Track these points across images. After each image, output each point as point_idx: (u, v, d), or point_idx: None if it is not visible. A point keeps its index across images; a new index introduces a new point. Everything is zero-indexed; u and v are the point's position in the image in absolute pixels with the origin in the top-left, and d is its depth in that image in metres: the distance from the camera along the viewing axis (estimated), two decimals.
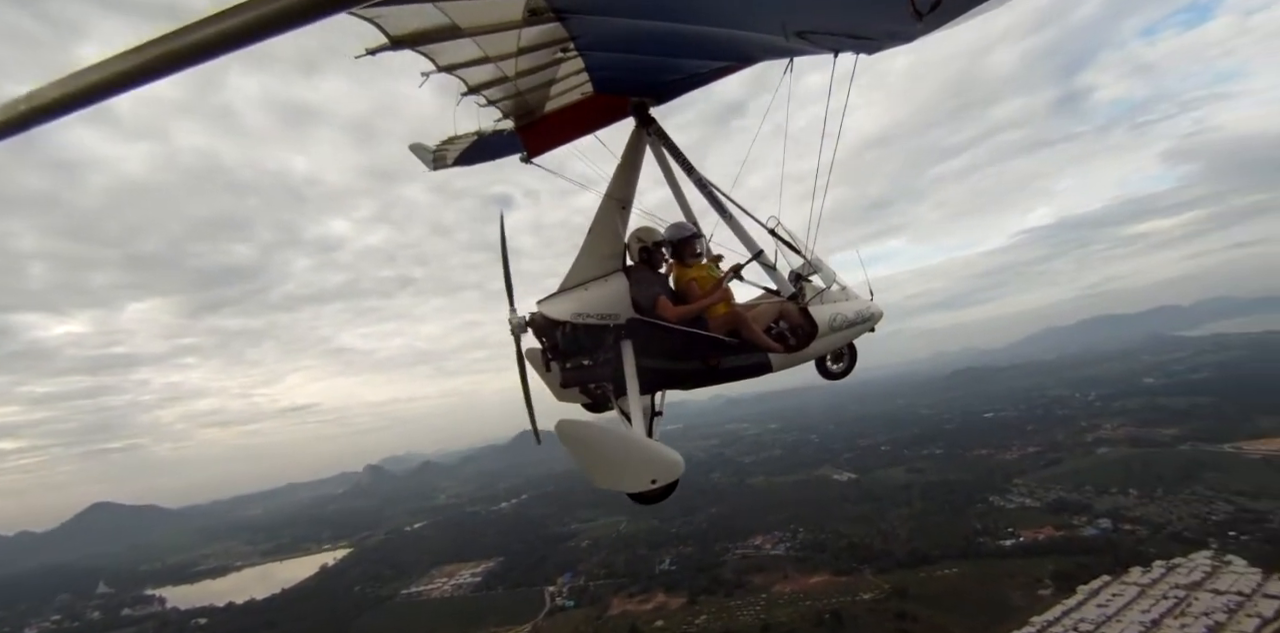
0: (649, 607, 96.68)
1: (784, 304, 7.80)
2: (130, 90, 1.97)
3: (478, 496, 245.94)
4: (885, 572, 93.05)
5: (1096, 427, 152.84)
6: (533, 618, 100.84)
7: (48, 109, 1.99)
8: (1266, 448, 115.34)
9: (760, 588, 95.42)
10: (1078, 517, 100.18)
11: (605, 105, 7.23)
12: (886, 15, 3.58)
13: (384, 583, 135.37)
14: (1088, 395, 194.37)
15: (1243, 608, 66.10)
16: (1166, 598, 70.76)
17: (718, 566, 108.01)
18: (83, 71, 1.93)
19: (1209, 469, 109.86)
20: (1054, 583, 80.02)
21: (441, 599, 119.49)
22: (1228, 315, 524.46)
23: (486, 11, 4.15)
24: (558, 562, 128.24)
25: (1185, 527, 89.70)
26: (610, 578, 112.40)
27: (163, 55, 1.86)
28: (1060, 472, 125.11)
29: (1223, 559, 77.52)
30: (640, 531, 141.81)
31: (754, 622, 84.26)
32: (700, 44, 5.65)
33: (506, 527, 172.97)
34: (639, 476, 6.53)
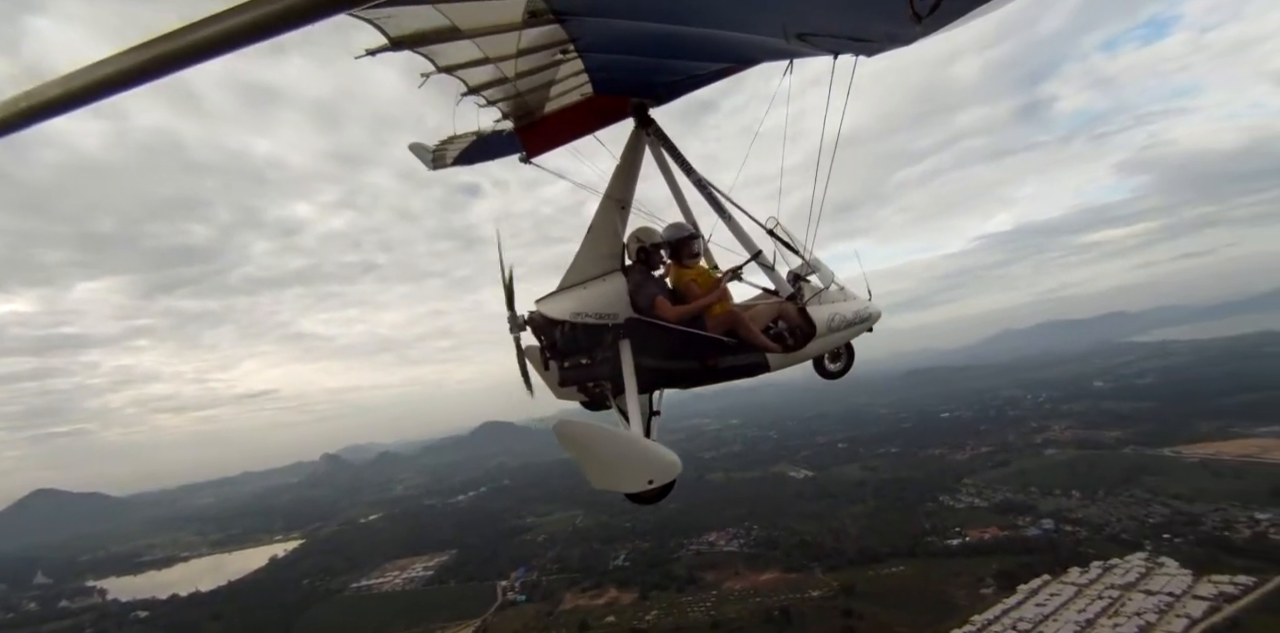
0: (601, 602, 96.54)
1: (782, 304, 7.85)
2: (131, 89, 1.99)
3: (435, 487, 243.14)
4: (835, 570, 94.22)
5: (1046, 428, 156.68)
6: (483, 613, 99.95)
7: (48, 107, 2.03)
8: (1204, 452, 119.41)
9: (712, 585, 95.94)
10: (1022, 517, 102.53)
11: (605, 106, 7.28)
12: (886, 18, 3.65)
13: (334, 576, 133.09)
14: (1039, 397, 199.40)
15: (1173, 609, 68.18)
16: (1102, 598, 72.71)
17: (671, 561, 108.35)
18: (84, 70, 1.96)
19: (1149, 472, 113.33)
20: (996, 582, 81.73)
21: (392, 593, 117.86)
22: (1175, 323, 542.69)
23: (486, 13, 4.16)
24: (512, 556, 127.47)
25: (1123, 528, 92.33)
26: (564, 573, 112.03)
27: (164, 54, 1.89)
28: (1009, 472, 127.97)
29: (1156, 561, 79.89)
30: (596, 525, 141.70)
31: (704, 619, 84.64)
32: (700, 46, 5.68)
33: (462, 520, 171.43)
34: (636, 476, 6.52)
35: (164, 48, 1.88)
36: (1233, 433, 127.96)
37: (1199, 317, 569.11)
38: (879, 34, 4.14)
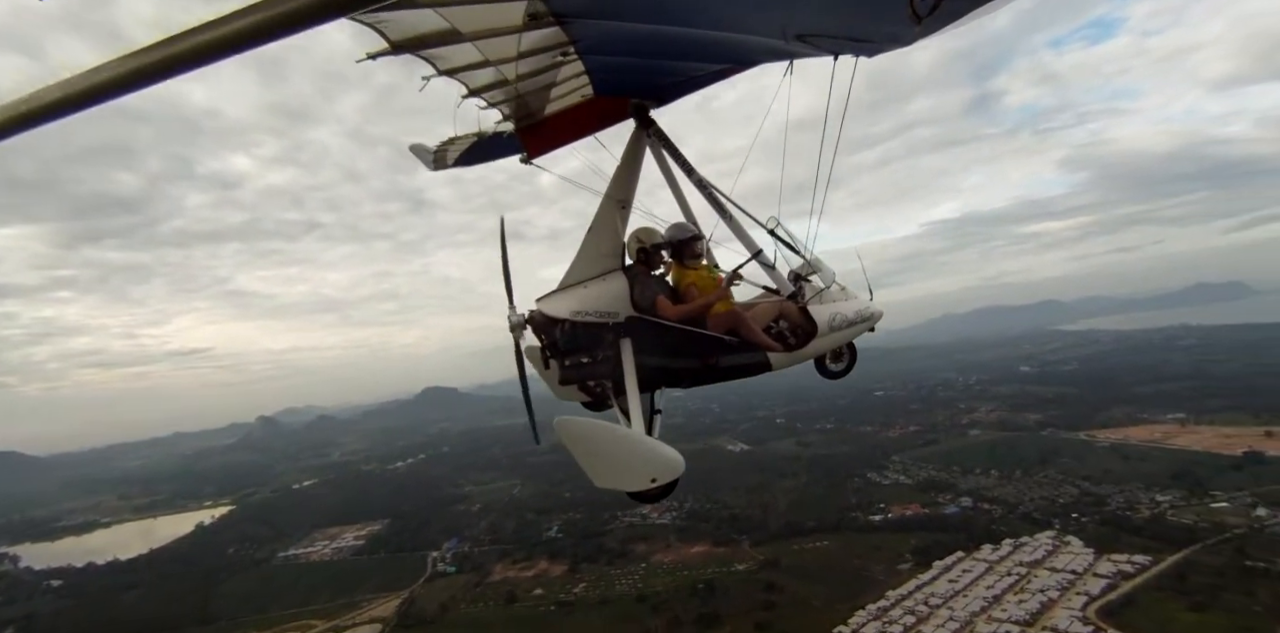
0: (530, 574, 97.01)
1: (784, 304, 7.87)
2: (134, 92, 2.01)
3: (374, 453, 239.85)
4: (762, 543, 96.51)
5: (973, 410, 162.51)
6: (411, 584, 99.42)
7: (49, 110, 2.06)
8: (1114, 437, 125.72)
9: (641, 557, 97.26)
10: (943, 495, 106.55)
11: (605, 107, 7.25)
12: (886, 18, 3.65)
13: (261, 544, 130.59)
14: (970, 380, 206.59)
15: (1074, 586, 71.98)
16: (1010, 575, 76.27)
17: (603, 534, 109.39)
18: (86, 74, 1.98)
19: (1063, 455, 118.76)
20: (913, 558, 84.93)
21: (320, 563, 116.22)
22: (1102, 313, 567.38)
23: (487, 16, 4.10)
24: (445, 526, 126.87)
25: (1035, 508, 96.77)
26: (496, 544, 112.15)
27: (167, 58, 1.91)
28: (935, 451, 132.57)
29: (1063, 540, 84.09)
30: (534, 495, 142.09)
31: (630, 591, 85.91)
32: (700, 47, 5.65)
33: (399, 488, 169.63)
34: (639, 474, 6.56)
35: (165, 52, 1.90)
36: (1141, 419, 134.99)
37: (1124, 309, 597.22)
38: (879, 35, 4.17)
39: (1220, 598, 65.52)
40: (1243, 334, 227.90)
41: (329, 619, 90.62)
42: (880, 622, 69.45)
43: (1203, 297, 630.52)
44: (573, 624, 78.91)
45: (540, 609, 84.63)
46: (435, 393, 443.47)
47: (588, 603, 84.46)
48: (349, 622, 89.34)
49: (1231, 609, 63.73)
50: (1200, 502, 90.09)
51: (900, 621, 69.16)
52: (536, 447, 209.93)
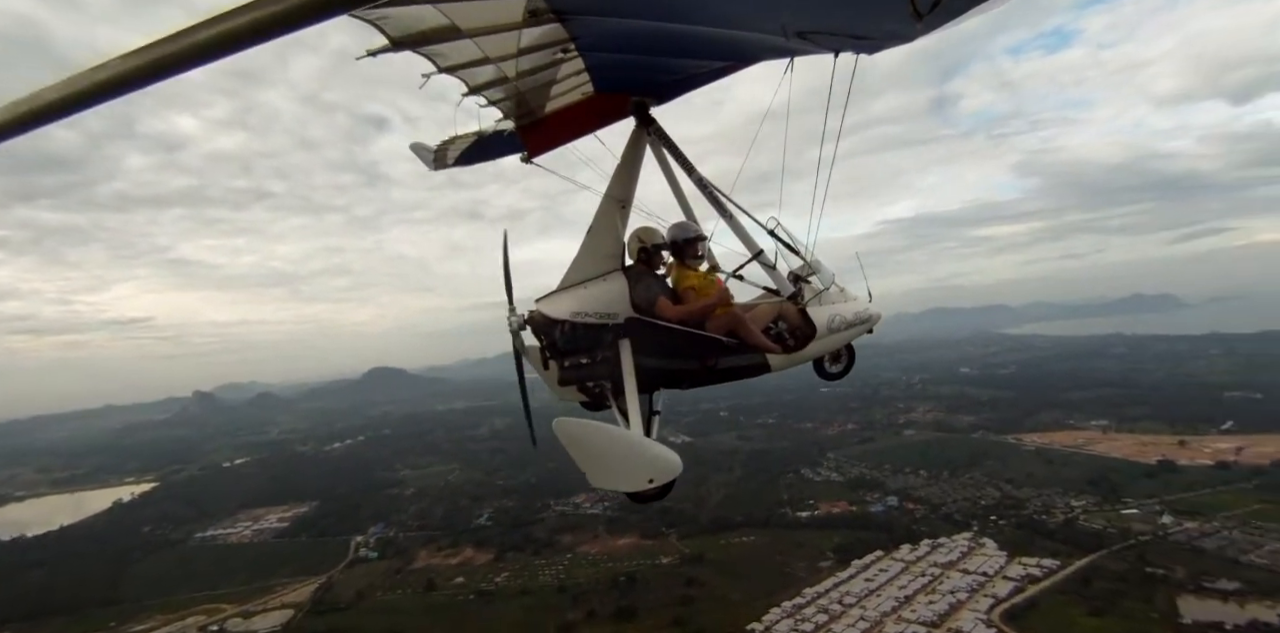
0: (454, 562, 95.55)
1: (783, 305, 7.87)
2: (133, 91, 2.04)
3: (313, 433, 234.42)
4: (689, 537, 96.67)
5: (911, 409, 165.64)
6: (330, 569, 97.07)
7: (50, 110, 2.08)
8: (1040, 441, 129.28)
9: (568, 548, 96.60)
10: (871, 493, 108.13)
11: (606, 105, 7.20)
12: (887, 15, 3.65)
13: (180, 524, 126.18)
14: (913, 379, 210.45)
15: (983, 588, 73.58)
16: (924, 575, 77.66)
17: (533, 523, 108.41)
18: (86, 73, 2.01)
19: (990, 457, 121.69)
20: (835, 556, 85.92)
21: (238, 545, 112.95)
22: (1048, 318, 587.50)
23: (487, 13, 4.13)
24: (374, 510, 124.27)
25: (957, 509, 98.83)
26: (423, 530, 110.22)
27: (166, 56, 1.93)
28: (869, 449, 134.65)
29: (979, 541, 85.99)
30: (468, 481, 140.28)
31: (552, 582, 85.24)
32: (701, 44, 5.62)
33: (332, 469, 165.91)
34: (636, 475, 6.59)
35: (164, 50, 1.92)
36: (1068, 424, 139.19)
37: (1067, 315, 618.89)
38: (880, 32, 4.13)
39: (1119, 604, 67.66)
40: (1170, 345, 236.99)
41: (239, 604, 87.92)
42: (794, 619, 70.00)
43: (1138, 307, 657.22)
44: (489, 614, 77.80)
45: (459, 598, 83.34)
46: (382, 373, 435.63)
47: (508, 593, 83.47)
48: (260, 607, 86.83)
49: (1128, 615, 65.84)
50: (1112, 508, 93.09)
51: (813, 619, 69.76)
52: (476, 433, 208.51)
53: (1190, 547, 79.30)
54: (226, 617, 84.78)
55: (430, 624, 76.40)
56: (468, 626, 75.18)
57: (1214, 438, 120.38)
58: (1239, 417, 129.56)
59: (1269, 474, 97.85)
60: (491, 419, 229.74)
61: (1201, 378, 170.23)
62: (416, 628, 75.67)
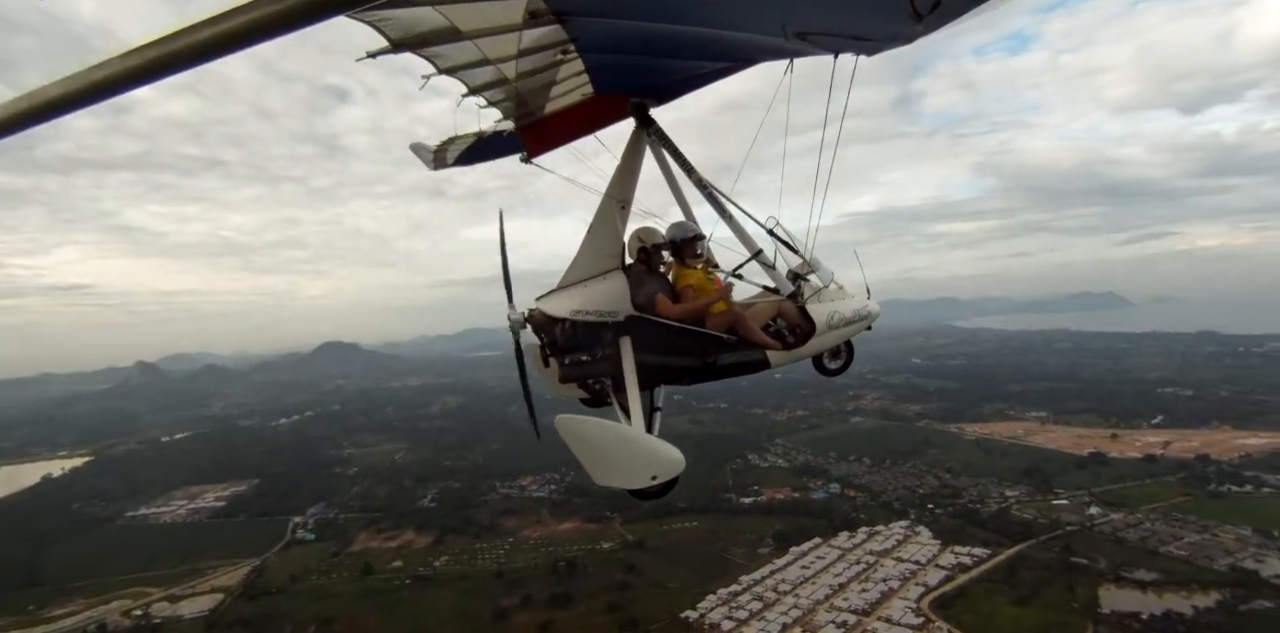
0: (394, 545, 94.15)
1: (782, 302, 7.93)
2: (132, 90, 2.08)
3: (260, 408, 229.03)
4: (633, 522, 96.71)
5: (861, 397, 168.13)
6: (265, 551, 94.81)
7: (50, 107, 2.11)
8: (982, 431, 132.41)
9: (511, 531, 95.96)
10: (814, 480, 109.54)
11: (606, 106, 7.16)
12: (886, 17, 3.68)
13: (110, 502, 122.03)
14: (865, 368, 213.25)
15: (915, 577, 75.06)
16: (859, 563, 78.93)
17: (478, 505, 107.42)
18: (85, 71, 2.06)
19: (932, 446, 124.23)
20: (774, 543, 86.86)
21: (171, 525, 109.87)
22: (995, 313, 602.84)
23: (487, 14, 4.14)
24: (316, 489, 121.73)
25: (896, 497, 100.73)
26: (365, 511, 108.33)
27: (165, 55, 1.97)
28: (817, 436, 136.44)
29: (914, 530, 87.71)
30: (415, 462, 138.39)
31: (491, 566, 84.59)
32: (700, 45, 5.63)
33: (277, 446, 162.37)
34: (639, 472, 6.61)
35: (164, 49, 1.96)
36: (1009, 416, 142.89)
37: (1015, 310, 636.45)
38: (880, 33, 4.16)
39: (1042, 594, 69.64)
40: (1112, 342, 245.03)
41: (167, 587, 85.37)
42: (728, 607, 70.58)
43: (1084, 304, 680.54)
44: (424, 600, 76.86)
45: (395, 583, 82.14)
46: (335, 348, 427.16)
47: (445, 578, 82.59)
48: (188, 590, 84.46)
49: (1050, 605, 67.78)
50: (1044, 498, 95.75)
51: (747, 606, 70.43)
52: (428, 411, 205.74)
53: (1114, 538, 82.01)
54: (153, 601, 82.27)
55: (363, 610, 75.10)
56: (401, 612, 74.10)
57: (1145, 432, 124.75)
58: (1169, 412, 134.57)
59: (1192, 468, 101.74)
60: (445, 397, 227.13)
61: (1138, 374, 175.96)
62: (348, 614, 74.31)
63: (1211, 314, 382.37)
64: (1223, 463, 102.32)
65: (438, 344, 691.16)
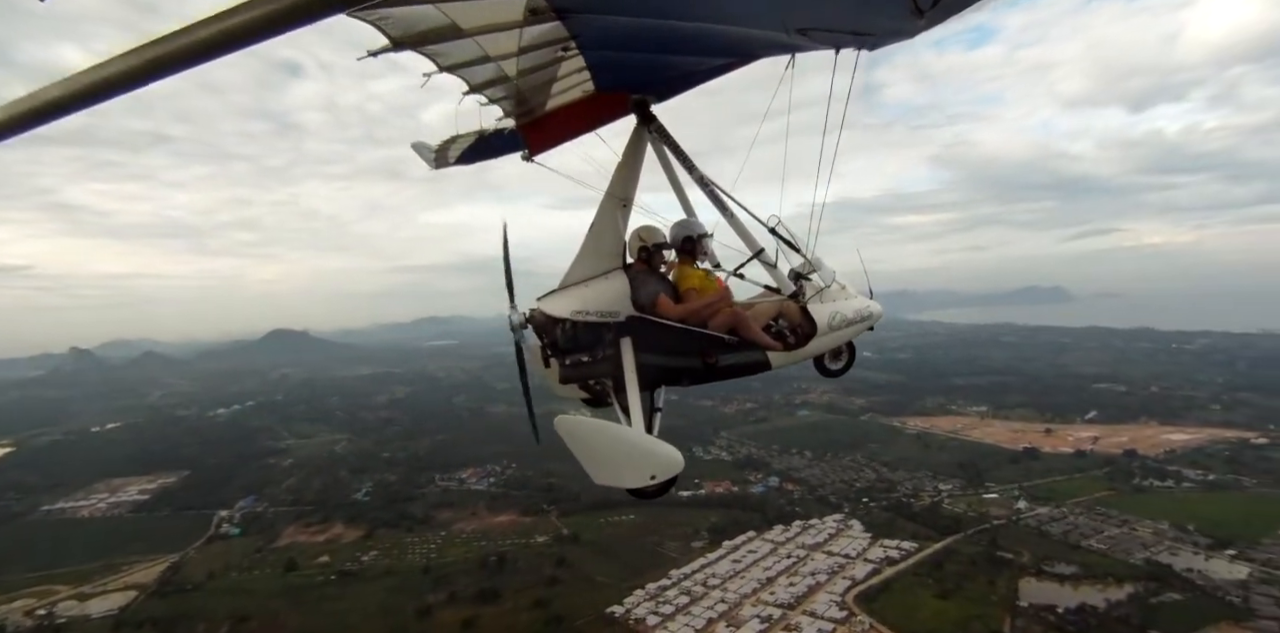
0: (322, 539, 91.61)
1: (784, 302, 7.93)
2: (132, 90, 2.09)
3: (199, 397, 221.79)
4: (570, 514, 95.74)
5: (809, 391, 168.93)
6: (186, 546, 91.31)
7: (50, 109, 2.14)
8: (923, 425, 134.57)
9: (444, 525, 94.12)
10: (755, 473, 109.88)
11: (606, 103, 7.14)
12: (888, 12, 3.71)
13: (28, 495, 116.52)
14: None
15: (843, 570, 75.56)
16: (790, 557, 79.22)
17: (413, 498, 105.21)
18: (85, 72, 2.07)
19: (873, 440, 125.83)
20: (709, 536, 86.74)
21: (89, 519, 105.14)
22: (950, 306, 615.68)
23: (487, 12, 4.16)
24: (248, 482, 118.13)
25: (833, 491, 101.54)
26: (295, 505, 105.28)
27: (164, 56, 2.00)
28: (762, 429, 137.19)
29: (847, 523, 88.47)
30: (354, 453, 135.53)
31: (419, 561, 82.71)
32: (701, 42, 5.60)
33: (212, 437, 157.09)
34: (638, 472, 6.68)
35: (164, 49, 1.99)
36: (950, 410, 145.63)
37: (966, 303, 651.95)
38: (881, 28, 4.18)
39: (965, 587, 70.62)
40: (1055, 337, 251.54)
41: (76, 585, 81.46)
42: (655, 602, 70.09)
43: (1031, 298, 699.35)
44: (347, 597, 74.69)
45: (319, 579, 79.80)
46: (284, 336, 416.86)
47: (372, 573, 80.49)
48: (100, 588, 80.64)
49: (972, 598, 68.78)
50: (975, 492, 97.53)
51: (674, 601, 70.04)
52: (373, 401, 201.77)
53: (1039, 531, 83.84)
54: (60, 599, 78.38)
55: (281, 608, 72.64)
56: (321, 609, 71.90)
57: (1078, 427, 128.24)
58: (1102, 407, 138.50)
59: (1118, 463, 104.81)
60: (393, 387, 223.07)
61: (1076, 369, 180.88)
62: (266, 612, 71.73)
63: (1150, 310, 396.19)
64: (1148, 458, 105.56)
65: (392, 333, 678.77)
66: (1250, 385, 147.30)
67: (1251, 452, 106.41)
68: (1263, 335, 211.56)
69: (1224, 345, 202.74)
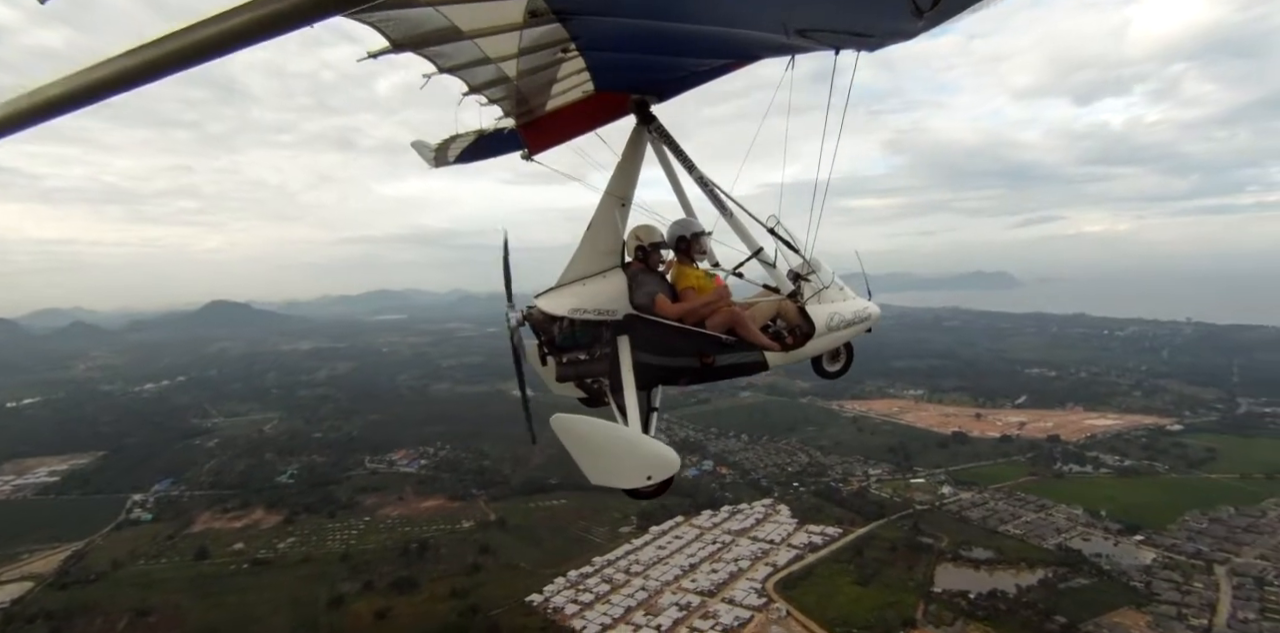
0: (239, 525, 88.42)
1: (782, 302, 7.90)
2: (132, 89, 2.12)
3: (127, 371, 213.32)
4: (500, 499, 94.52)
5: None
6: (93, 533, 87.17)
7: (50, 106, 2.16)
8: (860, 408, 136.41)
9: (368, 510, 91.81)
10: (690, 457, 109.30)
11: (606, 103, 7.17)
12: (887, 13, 3.73)
13: None
14: None
15: (766, 556, 75.92)
16: (715, 543, 79.29)
17: (339, 481, 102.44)
18: (87, 70, 2.09)
19: (810, 423, 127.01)
20: (638, 521, 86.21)
21: None
22: (900, 290, 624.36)
23: (487, 14, 4.14)
24: (167, 463, 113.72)
25: (764, 475, 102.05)
26: (215, 488, 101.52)
27: (165, 55, 2.02)
28: (703, 411, 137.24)
29: (775, 508, 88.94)
30: (284, 432, 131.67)
31: (338, 548, 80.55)
32: (701, 43, 5.63)
33: (135, 414, 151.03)
34: (634, 472, 6.69)
35: (164, 49, 2.01)
36: (889, 393, 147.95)
37: (916, 287, 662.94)
38: (880, 29, 4.18)
39: (884, 573, 71.54)
40: (997, 321, 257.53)
41: None
42: (575, 590, 69.36)
43: (977, 283, 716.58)
44: (257, 586, 72.24)
45: (230, 567, 77.02)
46: (223, 307, 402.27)
47: (287, 561, 78.03)
48: None
49: (890, 584, 69.64)
50: (903, 477, 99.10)
51: (594, 589, 69.42)
52: (312, 377, 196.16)
53: (960, 517, 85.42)
54: None
55: (185, 599, 69.79)
56: (228, 601, 69.20)
57: (1008, 411, 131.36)
58: (1033, 392, 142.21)
59: (1042, 448, 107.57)
60: (335, 363, 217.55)
61: (1012, 354, 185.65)
62: (168, 604, 68.85)
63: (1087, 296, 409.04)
64: (1069, 444, 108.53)
65: (340, 306, 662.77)
66: (1171, 373, 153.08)
67: (1166, 438, 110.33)
68: (1188, 324, 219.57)
69: (1152, 333, 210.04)
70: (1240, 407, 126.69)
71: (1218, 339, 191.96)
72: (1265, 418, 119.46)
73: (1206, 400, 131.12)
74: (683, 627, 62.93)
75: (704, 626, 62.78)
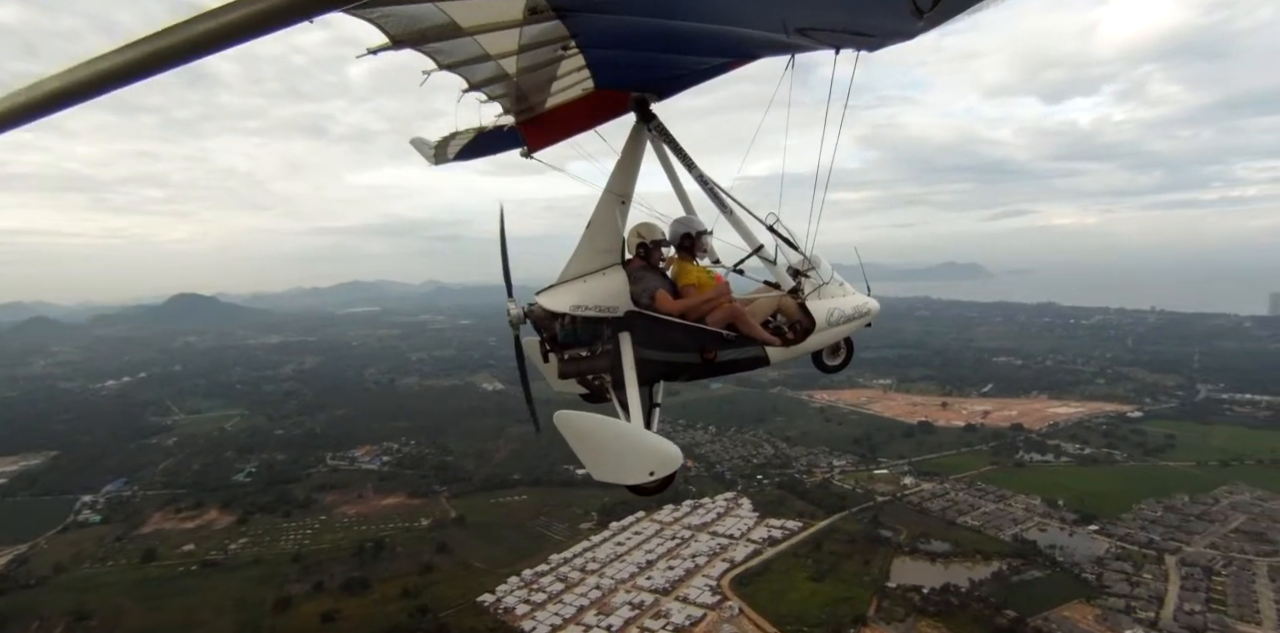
0: (191, 526, 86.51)
1: (782, 298, 7.93)
2: (130, 84, 2.12)
3: (87, 367, 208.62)
4: (462, 496, 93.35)
5: None
6: (38, 536, 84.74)
7: (49, 101, 2.16)
8: (829, 399, 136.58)
9: (325, 509, 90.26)
10: None
11: (606, 101, 7.17)
12: (887, 13, 3.74)
13: None
14: None
15: (724, 552, 75.37)
16: (674, 539, 78.68)
17: (298, 479, 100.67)
18: (85, 64, 2.10)
19: (779, 414, 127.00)
20: (599, 517, 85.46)
21: None
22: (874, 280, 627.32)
23: (488, 11, 4.14)
24: (121, 463, 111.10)
25: (729, 467, 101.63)
26: (168, 488, 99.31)
27: (162, 50, 2.03)
28: (672, 403, 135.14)
29: (737, 502, 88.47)
30: (245, 429, 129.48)
31: (290, 548, 78.98)
32: (701, 41, 5.65)
33: (93, 412, 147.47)
34: (637, 468, 6.69)
35: (162, 43, 2.02)
36: (858, 383, 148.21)
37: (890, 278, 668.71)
38: (880, 29, 4.19)
39: (841, 567, 71.33)
40: (967, 311, 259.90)
41: None
42: (528, 589, 68.42)
43: (949, 274, 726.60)
44: (202, 589, 70.49)
45: (178, 569, 75.21)
46: (189, 300, 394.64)
47: (237, 563, 76.33)
48: None
49: (845, 579, 69.39)
50: (866, 468, 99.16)
51: (547, 589, 68.51)
52: (278, 372, 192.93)
53: (920, 508, 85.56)
54: None
55: (128, 603, 67.90)
56: (172, 604, 67.44)
57: (973, 400, 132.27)
58: (999, 381, 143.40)
59: (1005, 437, 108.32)
60: (303, 357, 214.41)
61: (980, 343, 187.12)
62: (110, 608, 66.93)
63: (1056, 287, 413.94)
64: (1031, 433, 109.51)
65: (310, 298, 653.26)
66: (1134, 361, 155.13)
67: (1126, 425, 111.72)
68: (1152, 313, 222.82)
69: (1117, 321, 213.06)
70: (1199, 393, 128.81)
71: (1181, 327, 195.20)
72: (1223, 404, 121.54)
73: (1168, 387, 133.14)
74: (633, 627, 62.21)
75: (655, 625, 62.14)
